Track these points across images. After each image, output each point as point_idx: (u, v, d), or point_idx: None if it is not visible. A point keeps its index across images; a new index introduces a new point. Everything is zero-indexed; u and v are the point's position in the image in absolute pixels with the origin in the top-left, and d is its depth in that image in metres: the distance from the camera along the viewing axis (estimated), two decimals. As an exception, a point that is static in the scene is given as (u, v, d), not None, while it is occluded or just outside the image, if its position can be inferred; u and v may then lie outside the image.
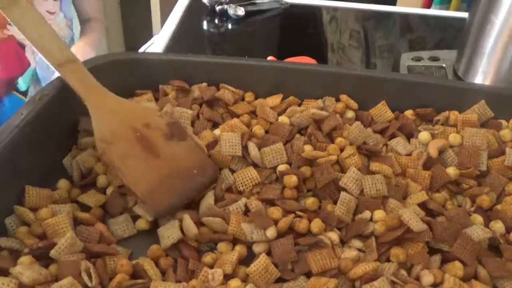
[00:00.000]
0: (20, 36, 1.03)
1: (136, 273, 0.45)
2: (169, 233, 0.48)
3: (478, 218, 0.51)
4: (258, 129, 0.57)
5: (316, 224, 0.48)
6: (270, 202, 0.52)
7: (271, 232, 0.47)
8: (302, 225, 0.48)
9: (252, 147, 0.54)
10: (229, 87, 0.62)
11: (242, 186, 0.52)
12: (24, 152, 0.49)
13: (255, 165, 0.54)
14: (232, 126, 0.56)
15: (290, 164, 0.54)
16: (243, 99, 0.63)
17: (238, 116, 0.59)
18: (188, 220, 0.48)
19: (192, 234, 0.48)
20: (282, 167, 0.53)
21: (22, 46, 1.16)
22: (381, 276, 0.43)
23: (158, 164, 0.51)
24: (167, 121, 0.54)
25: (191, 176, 0.51)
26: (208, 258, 0.47)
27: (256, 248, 0.47)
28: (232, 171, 0.54)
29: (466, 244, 0.46)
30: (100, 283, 0.43)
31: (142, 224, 0.50)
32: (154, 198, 0.49)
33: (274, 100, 0.61)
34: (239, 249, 0.48)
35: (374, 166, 0.53)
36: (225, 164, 0.54)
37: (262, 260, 0.45)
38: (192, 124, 0.58)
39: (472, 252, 0.46)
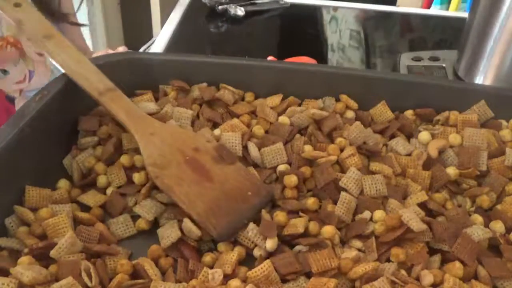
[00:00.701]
0: (10, 88, 0.98)
1: (136, 273, 0.45)
2: (168, 233, 0.48)
3: (478, 218, 0.51)
4: (258, 129, 0.57)
5: (327, 230, 0.48)
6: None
7: (270, 244, 0.47)
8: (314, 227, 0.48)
9: (252, 147, 0.54)
10: (229, 87, 0.62)
11: None
12: (24, 152, 0.49)
13: (255, 165, 0.54)
14: (232, 126, 0.56)
15: (290, 164, 0.54)
16: (243, 99, 0.63)
17: (238, 116, 0.59)
18: (189, 223, 0.48)
19: (195, 236, 0.48)
20: (282, 167, 0.53)
21: (11, 100, 1.04)
22: (381, 276, 0.43)
23: (212, 187, 0.51)
24: (215, 144, 0.54)
25: (246, 198, 0.51)
26: (208, 258, 0.47)
27: (257, 252, 0.47)
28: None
29: (466, 244, 0.46)
30: (100, 283, 0.43)
31: (142, 224, 0.50)
32: (211, 218, 0.49)
33: (274, 100, 0.61)
34: (239, 249, 0.48)
35: (374, 166, 0.53)
36: None
37: (265, 267, 0.44)
38: (192, 124, 0.58)
39: (472, 252, 0.46)
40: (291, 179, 0.51)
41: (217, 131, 0.57)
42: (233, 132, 0.55)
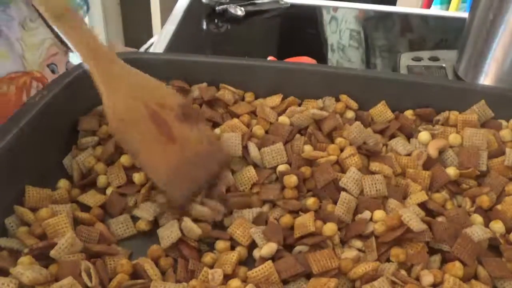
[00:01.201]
0: None
1: (136, 273, 0.45)
2: (168, 233, 0.48)
3: (478, 218, 0.51)
4: (258, 129, 0.57)
5: (329, 227, 0.48)
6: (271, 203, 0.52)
7: (266, 250, 0.46)
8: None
9: (252, 147, 0.54)
10: (229, 87, 0.62)
11: (242, 186, 0.52)
12: (24, 152, 0.49)
13: (255, 165, 0.54)
14: (232, 126, 0.56)
15: (290, 164, 0.54)
16: (243, 99, 0.63)
17: (238, 116, 0.59)
18: (189, 222, 0.48)
19: (195, 235, 0.48)
20: (282, 167, 0.53)
21: None
22: (381, 276, 0.43)
23: (175, 149, 0.48)
24: (179, 101, 0.50)
25: (206, 163, 0.49)
26: (208, 258, 0.47)
27: (256, 253, 0.47)
28: (232, 171, 0.54)
29: (466, 244, 0.46)
30: (100, 283, 0.43)
31: (142, 225, 0.50)
32: (174, 186, 0.47)
33: (274, 100, 0.61)
34: (240, 249, 0.48)
35: (374, 166, 0.53)
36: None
37: (265, 268, 0.44)
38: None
39: (472, 252, 0.46)
40: (291, 179, 0.51)
41: (217, 131, 0.57)
42: (233, 132, 0.55)
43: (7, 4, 0.60)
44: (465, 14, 0.89)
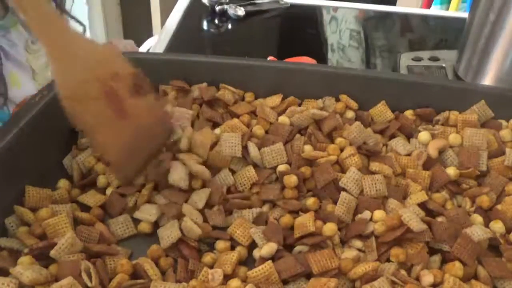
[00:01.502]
0: None
1: (136, 273, 0.45)
2: (168, 233, 0.48)
3: (478, 218, 0.51)
4: (258, 129, 0.56)
5: (329, 227, 0.48)
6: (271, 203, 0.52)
7: (266, 249, 0.46)
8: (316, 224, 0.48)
9: (252, 147, 0.54)
10: (229, 87, 0.61)
11: (241, 186, 0.52)
12: (24, 152, 0.49)
13: (255, 165, 0.54)
14: (232, 126, 0.56)
15: (290, 164, 0.54)
16: (243, 99, 0.63)
17: (238, 116, 0.59)
18: (189, 222, 0.48)
19: (195, 235, 0.48)
20: (282, 167, 0.53)
21: None
22: (381, 276, 0.43)
23: (126, 125, 0.45)
24: (131, 71, 0.47)
25: (154, 136, 0.48)
26: (208, 258, 0.47)
27: (256, 253, 0.47)
28: (232, 171, 0.54)
29: (466, 244, 0.46)
30: (100, 283, 0.43)
31: (143, 227, 0.50)
32: (124, 165, 0.47)
33: (274, 100, 0.61)
34: (240, 249, 0.48)
35: (374, 166, 0.53)
36: (225, 164, 0.54)
37: (265, 268, 0.44)
38: (192, 125, 0.58)
39: (472, 252, 0.46)
40: (291, 179, 0.51)
41: (217, 131, 0.57)
42: (233, 133, 0.55)
43: (7, 28, 0.60)
44: (465, 14, 0.89)
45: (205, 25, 0.99)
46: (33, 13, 0.41)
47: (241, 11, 0.99)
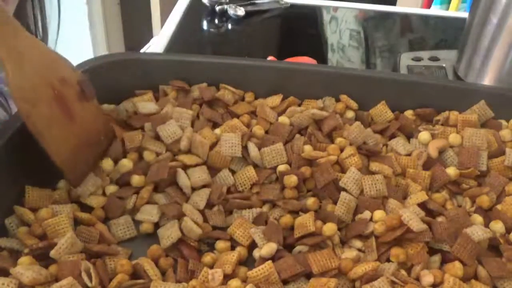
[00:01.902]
0: None
1: (136, 273, 0.45)
2: (168, 233, 0.48)
3: (478, 218, 0.51)
4: (258, 129, 0.56)
5: (329, 227, 0.48)
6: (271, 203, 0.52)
7: (266, 249, 0.46)
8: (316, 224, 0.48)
9: (252, 147, 0.54)
10: (229, 87, 0.61)
11: (241, 186, 0.52)
12: (24, 152, 0.49)
13: (255, 166, 0.54)
14: (233, 126, 0.56)
15: (290, 164, 0.54)
16: (243, 99, 0.63)
17: (238, 116, 0.59)
18: (189, 222, 0.48)
19: (195, 235, 0.48)
20: (282, 167, 0.53)
21: None
22: (381, 276, 0.43)
23: (75, 130, 0.48)
24: (78, 76, 0.50)
25: (99, 142, 0.51)
26: (208, 258, 0.47)
27: (256, 253, 0.47)
28: (232, 172, 0.54)
29: (466, 244, 0.46)
30: (100, 283, 0.43)
31: (145, 227, 0.50)
32: (72, 167, 0.49)
33: (274, 100, 0.61)
34: (240, 249, 0.48)
35: (374, 166, 0.53)
36: (225, 164, 0.54)
37: (265, 268, 0.44)
38: (192, 125, 0.58)
39: (472, 252, 0.46)
40: (291, 179, 0.51)
41: (217, 131, 0.57)
42: (233, 133, 0.55)
43: None
44: (465, 14, 0.89)
45: (205, 25, 0.99)
46: None
47: (241, 11, 0.99)
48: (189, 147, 0.54)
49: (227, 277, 0.45)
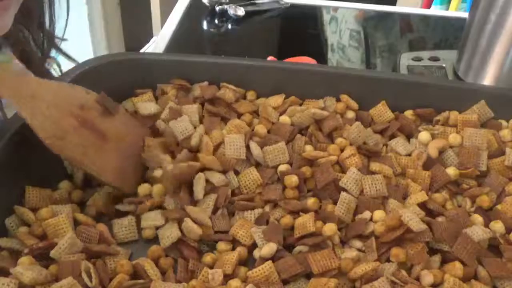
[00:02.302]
0: None
1: (136, 273, 0.45)
2: (168, 233, 0.48)
3: (478, 218, 0.51)
4: (260, 128, 0.57)
5: (329, 227, 0.48)
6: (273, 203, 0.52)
7: (266, 250, 0.46)
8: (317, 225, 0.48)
9: (255, 146, 0.54)
10: (230, 85, 0.61)
11: (246, 189, 0.52)
12: (24, 152, 0.49)
13: (257, 164, 0.54)
14: (237, 126, 0.56)
15: (291, 164, 0.54)
16: (244, 98, 0.63)
17: (240, 115, 0.59)
18: (189, 223, 0.48)
19: (195, 235, 0.48)
20: (282, 167, 0.53)
21: None
22: (381, 276, 0.43)
23: (110, 147, 0.49)
24: (95, 96, 0.51)
25: (140, 149, 0.52)
26: (208, 258, 0.47)
27: (257, 253, 0.47)
28: (236, 172, 0.54)
29: (466, 244, 0.46)
30: (100, 283, 0.43)
31: (147, 233, 0.50)
32: (123, 181, 0.50)
33: (276, 100, 0.61)
34: (240, 250, 0.48)
35: (374, 166, 0.53)
36: (230, 166, 0.53)
37: (265, 268, 0.44)
38: (201, 121, 0.58)
39: (472, 252, 0.46)
40: (292, 179, 0.51)
41: (224, 132, 0.56)
42: (237, 134, 0.55)
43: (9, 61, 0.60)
44: (465, 14, 0.89)
45: (205, 25, 0.99)
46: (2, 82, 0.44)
47: (241, 11, 0.99)
48: (199, 143, 0.54)
49: (227, 277, 0.45)
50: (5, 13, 0.46)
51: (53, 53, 0.69)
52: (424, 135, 0.57)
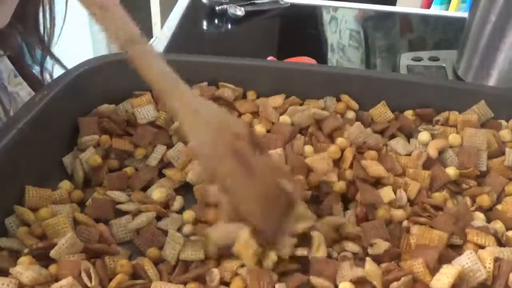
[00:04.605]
0: None
1: (136, 273, 0.45)
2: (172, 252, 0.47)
3: (481, 215, 0.51)
4: (260, 128, 0.57)
5: None
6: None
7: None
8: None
9: None
10: (228, 84, 0.61)
11: None
12: (24, 152, 0.49)
13: None
14: None
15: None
16: (244, 98, 0.63)
17: (240, 114, 0.59)
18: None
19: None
20: None
21: None
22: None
23: (258, 185, 0.44)
24: (248, 129, 0.46)
25: (280, 195, 0.46)
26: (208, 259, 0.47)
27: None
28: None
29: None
30: (99, 283, 0.43)
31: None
32: (266, 219, 0.45)
33: (277, 100, 0.61)
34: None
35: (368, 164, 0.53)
36: None
37: None
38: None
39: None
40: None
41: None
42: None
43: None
44: (465, 14, 0.89)
45: (205, 25, 1.00)
46: (175, 95, 0.44)
47: (241, 11, 0.99)
48: None
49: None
50: (3, 4, 0.44)
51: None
52: (424, 135, 0.57)
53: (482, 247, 0.46)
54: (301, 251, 0.47)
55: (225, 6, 1.00)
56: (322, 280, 0.43)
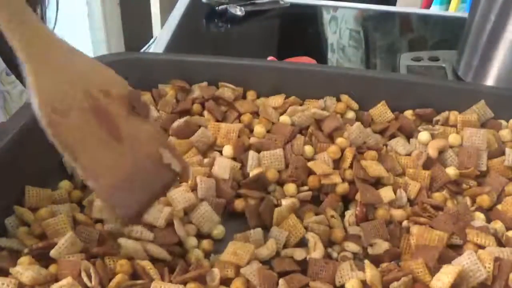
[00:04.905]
0: None
1: (136, 273, 0.45)
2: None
3: (481, 216, 0.51)
4: (260, 128, 0.57)
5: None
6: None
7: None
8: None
9: (251, 156, 0.54)
10: (228, 84, 0.61)
11: None
12: (24, 152, 0.49)
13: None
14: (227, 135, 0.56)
15: (287, 165, 0.54)
16: (244, 98, 0.63)
17: (240, 114, 0.60)
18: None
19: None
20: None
21: None
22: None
23: (122, 150, 0.39)
24: (128, 90, 0.42)
25: (159, 169, 0.41)
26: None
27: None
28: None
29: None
30: (99, 283, 0.43)
31: None
32: (120, 198, 0.39)
33: (277, 100, 0.61)
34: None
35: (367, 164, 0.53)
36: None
37: None
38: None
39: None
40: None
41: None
42: (225, 158, 0.54)
43: None
44: (465, 14, 0.89)
45: (205, 25, 0.99)
46: (15, 20, 0.36)
47: (241, 11, 0.99)
48: None
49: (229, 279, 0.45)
50: None
51: None
52: (424, 135, 0.57)
53: (482, 247, 0.46)
54: (299, 254, 0.47)
55: (225, 6, 1.00)
56: (321, 284, 0.43)
